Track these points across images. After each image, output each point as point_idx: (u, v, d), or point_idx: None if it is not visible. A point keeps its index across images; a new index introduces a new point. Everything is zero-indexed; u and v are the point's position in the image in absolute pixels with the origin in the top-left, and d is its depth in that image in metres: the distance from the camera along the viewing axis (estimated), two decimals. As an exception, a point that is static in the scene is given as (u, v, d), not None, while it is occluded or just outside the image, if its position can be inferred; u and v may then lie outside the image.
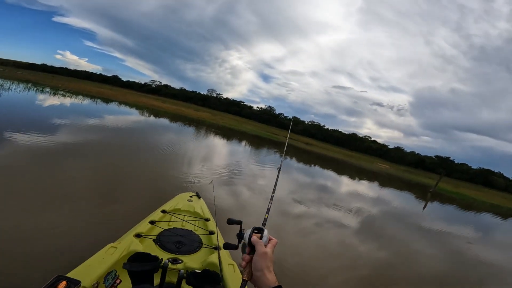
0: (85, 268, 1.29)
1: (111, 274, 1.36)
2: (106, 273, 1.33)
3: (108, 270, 1.34)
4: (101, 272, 1.29)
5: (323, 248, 4.04)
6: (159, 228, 1.97)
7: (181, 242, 1.83)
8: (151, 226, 1.97)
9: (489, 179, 55.95)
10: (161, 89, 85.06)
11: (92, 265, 1.32)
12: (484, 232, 8.94)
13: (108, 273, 1.34)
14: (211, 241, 1.98)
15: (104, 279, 1.30)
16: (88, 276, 1.21)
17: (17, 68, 52.59)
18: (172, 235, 1.89)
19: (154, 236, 1.84)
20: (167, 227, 2.03)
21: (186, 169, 6.28)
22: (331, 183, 10.84)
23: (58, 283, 0.99)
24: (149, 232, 1.90)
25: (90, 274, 1.24)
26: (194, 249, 1.81)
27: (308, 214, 5.46)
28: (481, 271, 4.92)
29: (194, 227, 2.12)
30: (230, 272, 1.52)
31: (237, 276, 1.50)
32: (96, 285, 1.22)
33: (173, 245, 1.78)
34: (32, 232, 2.48)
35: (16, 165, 3.94)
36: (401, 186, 16.76)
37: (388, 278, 3.62)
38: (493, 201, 22.87)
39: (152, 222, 2.02)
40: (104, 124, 9.95)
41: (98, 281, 1.25)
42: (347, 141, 68.51)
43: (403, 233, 6.13)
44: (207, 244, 1.90)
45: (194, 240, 1.91)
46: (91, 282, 1.19)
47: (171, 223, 2.12)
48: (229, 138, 17.02)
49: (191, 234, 1.98)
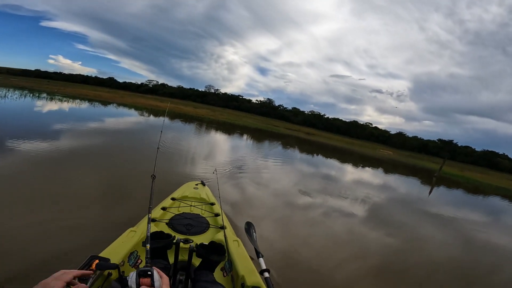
0: (112, 249, 1.45)
1: (134, 254, 1.53)
2: (129, 253, 1.49)
3: (131, 250, 1.51)
4: (125, 252, 1.45)
5: (332, 237, 3.94)
6: (171, 213, 2.16)
7: (191, 225, 2.00)
8: (163, 212, 2.18)
9: (494, 161, 55.60)
10: (159, 88, 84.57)
11: (117, 247, 1.48)
12: (494, 216, 8.81)
13: (131, 253, 1.50)
14: (217, 222, 2.17)
15: (128, 259, 1.47)
16: (115, 256, 1.36)
17: (11, 75, 52.25)
18: (182, 218, 2.08)
19: (167, 220, 2.03)
20: (177, 212, 2.22)
21: (190, 163, 6.31)
22: (335, 172, 10.72)
23: (92, 262, 1.13)
24: (162, 217, 2.09)
25: (117, 254, 1.40)
26: (202, 230, 1.98)
27: (314, 204, 5.36)
28: (494, 256, 4.81)
29: (201, 211, 2.32)
30: (235, 247, 1.69)
31: (241, 250, 1.68)
32: (122, 264, 1.39)
33: (183, 227, 1.96)
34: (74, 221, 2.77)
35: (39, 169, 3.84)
36: (405, 172, 16.64)
37: (399, 265, 3.53)
38: (499, 183, 22.50)
39: (164, 208, 2.24)
40: (103, 127, 9.84)
41: (123, 260, 1.42)
42: (349, 129, 68.24)
43: (411, 220, 6.01)
44: (214, 225, 2.09)
45: (202, 222, 2.08)
46: (118, 261, 1.35)
47: (181, 208, 2.33)
48: (230, 133, 16.89)
49: (199, 217, 2.16)
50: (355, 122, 74.20)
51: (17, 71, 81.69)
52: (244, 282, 1.36)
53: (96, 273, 1.11)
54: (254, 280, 1.37)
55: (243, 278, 1.38)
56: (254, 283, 1.34)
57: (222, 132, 16.80)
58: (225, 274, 1.61)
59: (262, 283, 1.37)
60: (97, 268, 1.09)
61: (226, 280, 1.54)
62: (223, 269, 1.64)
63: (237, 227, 2.93)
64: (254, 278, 1.38)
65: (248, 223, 2.38)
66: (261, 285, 1.34)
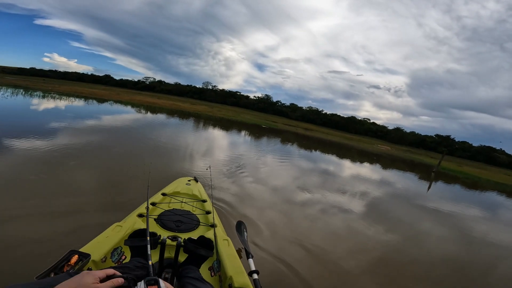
0: (94, 244, 1.40)
1: (117, 250, 1.48)
2: (113, 249, 1.45)
3: (115, 246, 1.47)
4: (108, 248, 1.41)
5: (330, 234, 3.87)
6: (160, 209, 2.11)
7: (180, 221, 1.95)
8: (152, 207, 2.11)
9: (491, 156, 55.90)
10: (156, 85, 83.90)
11: (100, 242, 1.43)
12: (493, 212, 8.79)
13: (114, 249, 1.46)
14: (207, 219, 2.12)
15: (111, 255, 1.42)
16: (97, 251, 1.32)
17: (6, 74, 51.47)
18: (172, 215, 2.02)
19: (155, 216, 1.96)
20: (167, 208, 2.16)
21: (184, 159, 6.23)
22: (333, 167, 10.66)
23: (71, 257, 1.11)
24: (151, 213, 2.01)
25: (99, 249, 1.35)
26: (192, 227, 1.93)
27: (312, 200, 5.29)
28: (495, 252, 4.77)
29: (192, 207, 2.27)
30: (225, 246, 1.65)
31: (231, 249, 1.63)
32: (104, 260, 1.34)
33: (173, 224, 1.90)
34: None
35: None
36: (404, 167, 16.63)
37: (399, 261, 3.48)
38: (497, 179, 22.38)
39: (154, 203, 2.17)
40: (99, 125, 9.67)
41: (106, 256, 1.37)
42: (346, 125, 68.28)
43: (410, 216, 5.97)
44: (204, 223, 2.04)
45: (192, 219, 2.03)
46: (100, 257, 1.31)
47: (171, 204, 2.27)
48: (227, 129, 16.76)
49: (189, 214, 2.11)
50: (353, 117, 74.11)
51: (13, 69, 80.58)
52: (232, 283, 1.32)
53: (74, 268, 1.10)
54: (243, 281, 1.33)
55: (231, 279, 1.35)
56: (242, 284, 1.31)
57: (219, 128, 16.66)
58: (212, 273, 1.58)
59: (250, 284, 1.33)
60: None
61: (213, 280, 1.51)
62: (211, 269, 1.61)
63: (228, 226, 2.85)
64: (242, 279, 1.35)
65: (239, 222, 2.30)
66: (249, 287, 1.31)
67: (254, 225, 3.44)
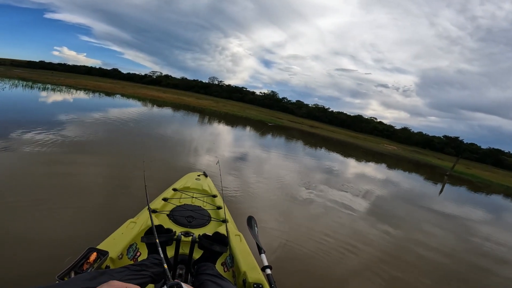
0: (110, 241, 1.42)
1: (132, 246, 1.50)
2: (128, 245, 1.46)
3: (130, 243, 1.48)
4: (124, 245, 1.43)
5: (335, 232, 3.76)
6: (172, 205, 2.11)
7: (192, 217, 1.95)
8: (164, 202, 2.13)
9: (499, 158, 54.52)
10: (162, 79, 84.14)
11: (116, 239, 1.45)
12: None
13: (130, 246, 1.47)
14: (218, 215, 2.10)
15: (127, 251, 1.44)
16: (114, 248, 1.35)
17: (15, 67, 52.13)
18: (183, 210, 2.02)
19: (168, 211, 1.98)
20: (178, 203, 2.16)
21: (192, 154, 6.25)
22: (338, 165, 10.47)
23: (90, 254, 1.14)
24: (163, 208, 2.04)
25: (116, 246, 1.37)
26: (203, 223, 1.92)
27: (317, 198, 5.18)
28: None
29: (203, 203, 2.26)
30: (237, 242, 1.65)
31: (243, 245, 1.64)
32: (121, 257, 1.36)
33: (184, 219, 1.90)
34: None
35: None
36: (411, 168, 16.32)
37: (405, 262, 3.37)
38: (508, 183, 21.63)
39: (165, 199, 2.18)
40: (105, 118, 9.69)
41: (122, 253, 1.39)
42: (353, 123, 67.41)
43: (421, 221, 5.61)
44: (215, 218, 2.02)
45: (203, 214, 2.02)
46: (117, 254, 1.33)
47: (182, 200, 2.27)
48: (232, 125, 16.67)
49: (200, 209, 2.10)
50: (359, 116, 73.11)
51: (22, 62, 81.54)
52: (246, 278, 1.31)
53: (94, 266, 1.11)
54: (256, 276, 1.32)
55: (245, 274, 1.34)
56: (256, 279, 1.30)
57: (224, 123, 16.59)
58: (226, 269, 1.58)
59: (264, 279, 1.31)
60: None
61: (227, 275, 1.51)
62: (224, 264, 1.62)
63: (239, 221, 2.78)
64: (256, 274, 1.34)
65: (250, 217, 2.22)
66: (263, 282, 1.29)
67: (263, 220, 3.35)
